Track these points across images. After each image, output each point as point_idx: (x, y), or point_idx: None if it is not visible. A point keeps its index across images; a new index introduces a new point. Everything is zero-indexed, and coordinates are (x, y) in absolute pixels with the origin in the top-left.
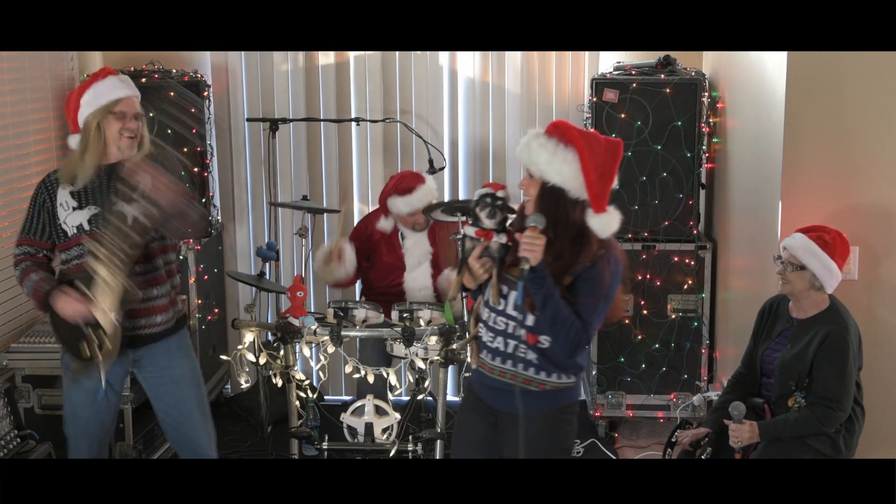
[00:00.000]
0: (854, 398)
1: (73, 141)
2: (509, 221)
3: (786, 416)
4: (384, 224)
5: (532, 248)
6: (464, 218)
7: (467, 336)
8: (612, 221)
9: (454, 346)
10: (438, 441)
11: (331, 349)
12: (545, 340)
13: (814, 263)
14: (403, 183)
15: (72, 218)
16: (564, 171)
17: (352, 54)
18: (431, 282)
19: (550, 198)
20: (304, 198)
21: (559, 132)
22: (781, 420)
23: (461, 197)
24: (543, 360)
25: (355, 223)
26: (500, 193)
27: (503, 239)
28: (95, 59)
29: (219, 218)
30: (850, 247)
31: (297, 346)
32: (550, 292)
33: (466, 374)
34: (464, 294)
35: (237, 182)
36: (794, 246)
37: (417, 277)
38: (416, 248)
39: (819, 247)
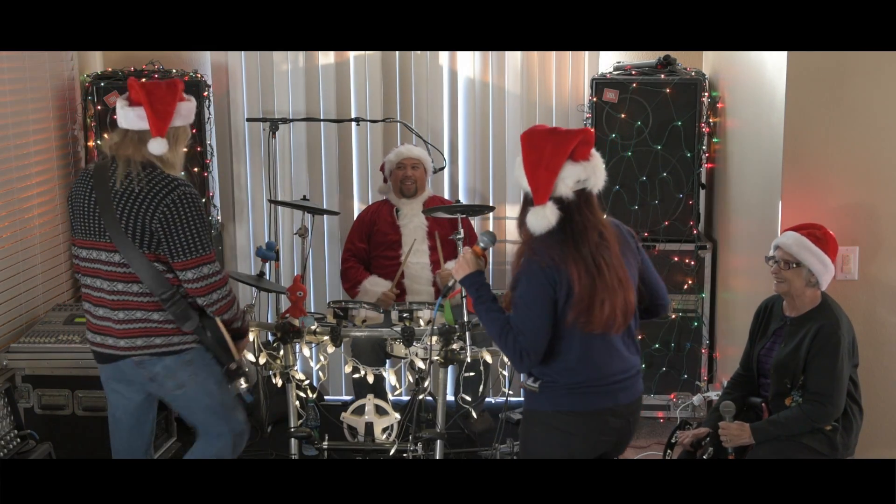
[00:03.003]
0: (852, 397)
1: (160, 146)
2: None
3: (777, 416)
4: (381, 188)
5: (459, 265)
6: (464, 216)
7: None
8: (546, 215)
9: (454, 346)
10: (438, 441)
11: (331, 349)
12: None
13: (809, 259)
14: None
15: None
16: (517, 172)
17: (352, 54)
18: (428, 255)
19: (522, 202)
20: (304, 198)
21: None
22: (773, 420)
23: (461, 197)
24: None
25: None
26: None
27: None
28: (95, 59)
29: (219, 218)
30: (851, 247)
31: (297, 346)
32: (479, 302)
33: (468, 374)
34: (464, 295)
35: (237, 182)
36: (788, 244)
37: (415, 253)
38: (410, 217)
39: (812, 242)
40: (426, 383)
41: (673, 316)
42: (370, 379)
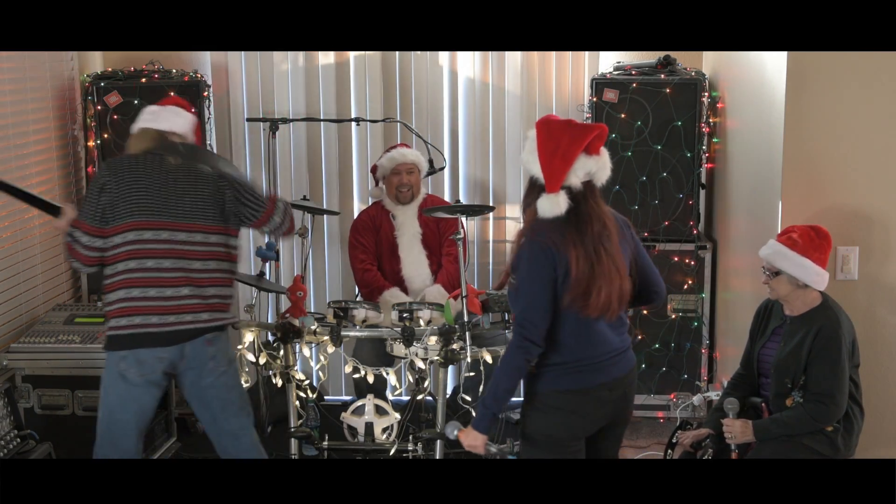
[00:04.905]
0: (853, 397)
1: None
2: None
3: (780, 415)
4: (373, 192)
5: (469, 439)
6: (464, 216)
7: None
8: (557, 203)
9: (454, 346)
10: (438, 441)
11: (331, 349)
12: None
13: (786, 265)
14: (390, 146)
15: None
16: (529, 159)
17: (352, 54)
18: (428, 264)
19: (528, 187)
20: (304, 198)
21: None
22: (776, 418)
23: (461, 197)
24: None
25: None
26: None
27: None
28: (95, 59)
29: None
30: (851, 247)
31: (297, 346)
32: (491, 407)
33: (468, 374)
34: (464, 296)
35: None
36: (766, 253)
37: (413, 261)
38: (406, 225)
39: (788, 247)
40: (426, 383)
41: (673, 316)
42: (370, 379)
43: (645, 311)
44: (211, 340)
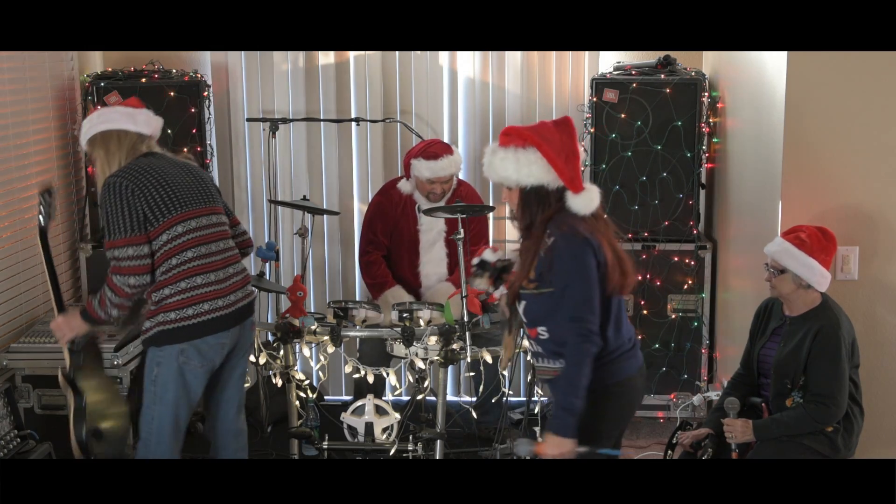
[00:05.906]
0: (852, 398)
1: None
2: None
3: (780, 415)
4: (404, 186)
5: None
6: (464, 216)
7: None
8: (594, 197)
9: (454, 346)
10: (438, 441)
11: (331, 349)
12: (543, 332)
13: (792, 264)
14: (432, 148)
15: None
16: (534, 170)
17: (352, 54)
18: (446, 263)
19: (533, 198)
20: (304, 198)
21: (512, 138)
22: (776, 418)
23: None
24: (545, 349)
25: (356, 224)
26: (487, 256)
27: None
28: (95, 59)
29: None
30: (851, 247)
31: (297, 346)
32: (569, 408)
33: (468, 374)
34: (464, 296)
35: (237, 182)
36: (773, 250)
37: (433, 259)
38: (432, 225)
39: (796, 246)
40: (426, 383)
41: (673, 316)
42: (370, 379)
43: (645, 312)
44: (254, 324)
